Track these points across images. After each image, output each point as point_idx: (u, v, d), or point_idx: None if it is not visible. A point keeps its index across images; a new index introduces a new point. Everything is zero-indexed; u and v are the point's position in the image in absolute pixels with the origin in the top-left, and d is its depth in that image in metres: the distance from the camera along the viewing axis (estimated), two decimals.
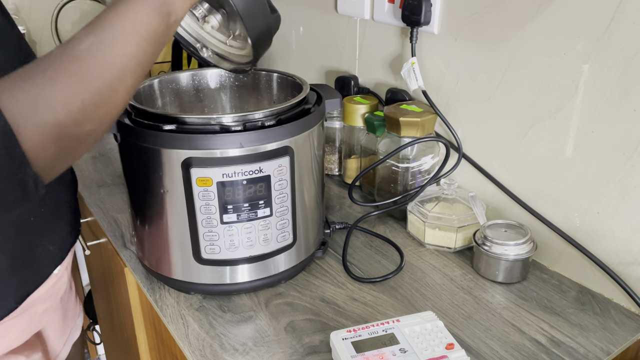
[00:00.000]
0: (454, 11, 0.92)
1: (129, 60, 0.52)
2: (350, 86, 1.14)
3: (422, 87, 0.97)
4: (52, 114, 0.47)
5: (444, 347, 0.63)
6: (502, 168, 0.90)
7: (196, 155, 0.68)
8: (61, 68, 0.48)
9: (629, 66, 0.70)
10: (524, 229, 0.83)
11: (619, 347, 0.70)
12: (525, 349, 0.69)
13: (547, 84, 0.81)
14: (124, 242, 0.92)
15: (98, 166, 1.19)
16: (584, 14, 0.74)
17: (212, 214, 0.71)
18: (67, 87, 0.48)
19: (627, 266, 0.76)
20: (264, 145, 0.70)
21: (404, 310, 0.76)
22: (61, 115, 0.47)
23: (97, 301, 1.40)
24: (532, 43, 0.81)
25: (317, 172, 0.80)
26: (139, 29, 0.53)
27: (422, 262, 0.87)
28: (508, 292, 0.80)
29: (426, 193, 0.93)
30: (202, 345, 0.70)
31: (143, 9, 0.54)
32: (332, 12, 1.19)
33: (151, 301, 0.79)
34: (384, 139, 0.97)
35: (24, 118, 0.45)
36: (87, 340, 1.72)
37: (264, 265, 0.77)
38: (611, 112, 0.74)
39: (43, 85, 0.47)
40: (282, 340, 0.71)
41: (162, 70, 1.70)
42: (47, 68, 0.48)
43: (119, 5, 0.54)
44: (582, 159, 0.79)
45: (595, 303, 0.78)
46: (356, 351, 0.62)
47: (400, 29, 1.04)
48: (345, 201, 1.05)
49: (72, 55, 0.49)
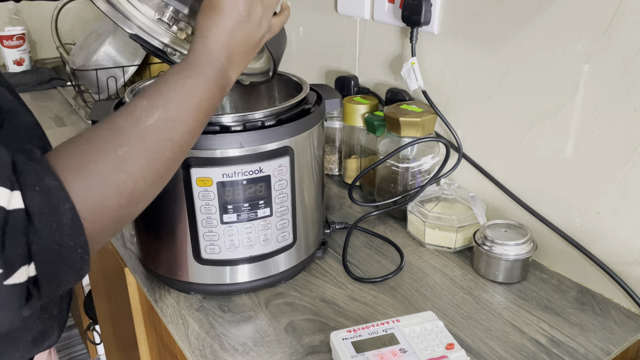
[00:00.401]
0: (454, 11, 0.92)
1: (189, 137, 0.52)
2: (350, 86, 1.14)
3: (422, 87, 0.97)
4: (118, 198, 0.45)
5: (444, 347, 0.63)
6: (502, 168, 0.90)
7: (196, 155, 0.68)
8: (131, 147, 0.46)
9: (629, 66, 0.70)
10: (524, 229, 0.83)
11: (619, 347, 0.70)
12: (525, 349, 0.69)
13: (547, 84, 0.81)
14: (124, 242, 0.92)
15: None
16: (584, 14, 0.74)
17: (212, 214, 0.71)
18: (136, 168, 0.47)
19: (627, 266, 0.76)
20: (264, 145, 0.70)
21: (404, 310, 0.76)
22: (125, 198, 0.46)
23: (97, 301, 1.40)
24: (532, 43, 0.81)
25: (317, 172, 0.80)
26: (202, 105, 0.53)
27: (422, 262, 0.87)
28: (508, 292, 0.80)
29: (426, 193, 0.93)
30: (202, 345, 0.70)
31: (206, 84, 0.54)
32: (332, 12, 1.19)
33: (151, 301, 0.79)
34: (384, 139, 0.97)
35: (93, 204, 0.43)
36: (87, 340, 1.72)
37: (264, 265, 0.77)
38: (611, 112, 0.74)
39: (114, 167, 0.45)
40: (282, 340, 0.71)
41: (162, 70, 1.70)
42: (117, 145, 0.46)
43: (182, 77, 0.53)
44: (582, 159, 0.79)
45: (595, 303, 0.78)
46: (356, 351, 0.62)
47: (400, 29, 1.04)
48: (345, 201, 1.05)
49: (139, 131, 0.48)
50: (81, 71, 1.44)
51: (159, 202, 0.73)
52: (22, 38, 1.82)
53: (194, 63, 0.55)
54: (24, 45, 1.83)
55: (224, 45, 0.57)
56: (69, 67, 1.50)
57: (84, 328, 1.81)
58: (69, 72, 1.51)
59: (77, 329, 2.11)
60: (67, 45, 1.75)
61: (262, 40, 0.63)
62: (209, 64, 0.56)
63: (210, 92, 0.55)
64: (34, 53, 2.01)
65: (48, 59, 2.02)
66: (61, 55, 1.66)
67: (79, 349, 2.04)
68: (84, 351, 2.03)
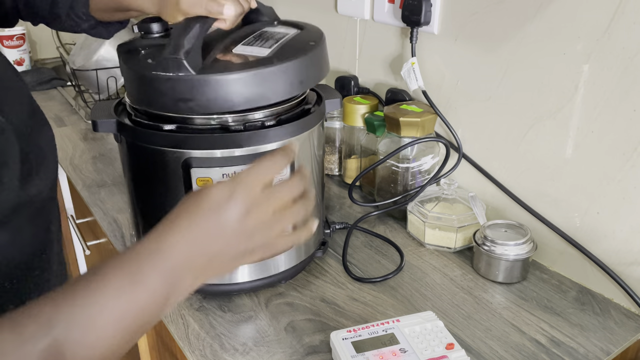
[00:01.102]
0: (454, 11, 0.92)
1: (108, 346, 0.42)
2: (350, 86, 1.14)
3: (422, 87, 0.97)
4: None
5: (444, 347, 0.63)
6: (502, 168, 0.90)
7: (196, 155, 0.68)
8: None
9: (629, 66, 0.70)
10: (524, 229, 0.83)
11: (619, 347, 0.70)
12: (525, 349, 0.69)
13: (547, 84, 0.81)
14: (124, 242, 0.92)
15: (98, 166, 1.19)
16: (584, 14, 0.74)
17: None
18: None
19: (627, 266, 0.76)
20: (264, 145, 0.69)
21: (404, 310, 0.76)
22: None
23: None
24: (532, 43, 0.81)
25: (317, 172, 0.80)
26: (135, 318, 0.42)
27: (422, 262, 0.87)
28: (508, 292, 0.80)
29: (426, 193, 0.93)
30: (202, 345, 0.70)
31: (150, 296, 0.43)
32: (332, 12, 1.19)
33: None
34: (384, 139, 0.97)
35: None
36: None
37: (264, 265, 0.77)
38: (611, 112, 0.74)
39: None
40: (282, 340, 0.71)
41: None
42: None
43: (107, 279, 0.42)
44: (582, 159, 0.79)
45: (595, 303, 0.78)
46: (356, 351, 0.62)
47: (400, 29, 1.04)
48: (345, 201, 1.05)
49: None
50: (81, 71, 1.44)
51: (160, 202, 0.73)
52: (22, 38, 1.82)
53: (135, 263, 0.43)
54: (24, 46, 1.83)
55: (185, 254, 0.44)
56: (69, 67, 1.50)
57: None
58: (69, 72, 1.51)
59: None
60: (67, 45, 1.75)
61: (248, 257, 0.48)
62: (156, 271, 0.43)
63: (153, 306, 0.43)
64: (34, 53, 2.01)
65: (48, 59, 2.02)
66: (61, 55, 1.66)
67: None
68: None
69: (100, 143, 1.31)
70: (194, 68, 0.64)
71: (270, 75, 0.66)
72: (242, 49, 0.70)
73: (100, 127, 0.73)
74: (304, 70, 0.69)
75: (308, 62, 0.69)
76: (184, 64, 0.63)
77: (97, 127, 0.73)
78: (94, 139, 1.33)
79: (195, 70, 0.64)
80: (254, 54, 0.69)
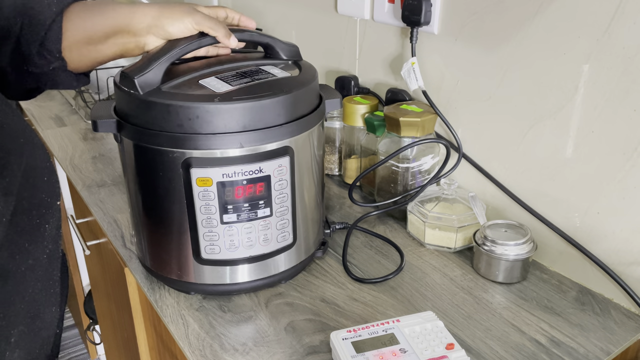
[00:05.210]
0: (454, 11, 0.92)
1: None
2: (350, 86, 1.14)
3: (422, 87, 0.97)
4: None
5: (444, 347, 0.63)
6: (502, 168, 0.90)
7: (196, 156, 0.68)
8: None
9: (629, 66, 0.70)
10: (524, 229, 0.83)
11: (619, 347, 0.70)
12: (525, 349, 0.69)
13: (547, 84, 0.81)
14: (124, 242, 0.92)
15: (98, 166, 1.19)
16: (584, 14, 0.74)
17: (212, 214, 0.71)
18: None
19: (627, 266, 0.76)
20: (264, 145, 0.70)
21: (404, 310, 0.76)
22: None
23: (97, 301, 1.40)
24: (532, 43, 0.81)
25: (317, 172, 0.80)
26: None
27: (422, 262, 0.87)
28: (508, 292, 0.80)
29: (426, 193, 0.93)
30: (202, 345, 0.70)
31: None
32: (332, 12, 1.19)
33: (151, 301, 0.79)
34: (384, 139, 0.97)
35: None
36: (87, 340, 1.72)
37: (264, 265, 0.77)
38: (611, 112, 0.74)
39: None
40: (282, 340, 0.71)
41: None
42: None
43: None
44: (582, 159, 0.79)
45: (595, 303, 0.78)
46: (356, 351, 0.62)
47: (400, 29, 1.04)
48: (345, 201, 1.05)
49: None
50: None
51: (159, 202, 0.73)
52: None
53: None
54: None
55: None
56: None
57: (84, 328, 1.81)
58: None
59: (77, 329, 2.11)
60: None
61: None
62: None
63: None
64: None
65: None
66: None
67: (79, 349, 2.04)
68: (84, 351, 2.03)
69: (100, 143, 1.31)
70: (142, 88, 0.68)
71: (204, 112, 0.67)
72: (209, 80, 0.72)
73: (100, 127, 0.73)
74: (245, 114, 0.68)
75: (250, 107, 0.68)
76: (135, 82, 0.68)
77: (97, 127, 0.73)
78: (94, 139, 1.33)
79: (142, 91, 0.68)
80: (211, 88, 0.70)
